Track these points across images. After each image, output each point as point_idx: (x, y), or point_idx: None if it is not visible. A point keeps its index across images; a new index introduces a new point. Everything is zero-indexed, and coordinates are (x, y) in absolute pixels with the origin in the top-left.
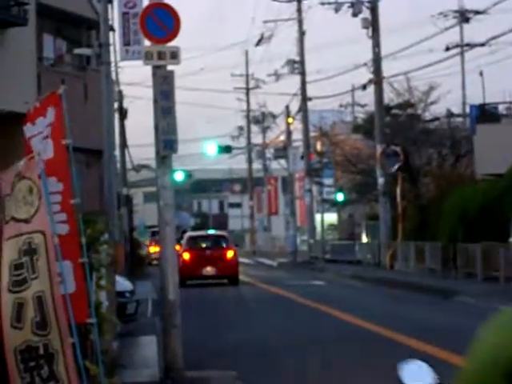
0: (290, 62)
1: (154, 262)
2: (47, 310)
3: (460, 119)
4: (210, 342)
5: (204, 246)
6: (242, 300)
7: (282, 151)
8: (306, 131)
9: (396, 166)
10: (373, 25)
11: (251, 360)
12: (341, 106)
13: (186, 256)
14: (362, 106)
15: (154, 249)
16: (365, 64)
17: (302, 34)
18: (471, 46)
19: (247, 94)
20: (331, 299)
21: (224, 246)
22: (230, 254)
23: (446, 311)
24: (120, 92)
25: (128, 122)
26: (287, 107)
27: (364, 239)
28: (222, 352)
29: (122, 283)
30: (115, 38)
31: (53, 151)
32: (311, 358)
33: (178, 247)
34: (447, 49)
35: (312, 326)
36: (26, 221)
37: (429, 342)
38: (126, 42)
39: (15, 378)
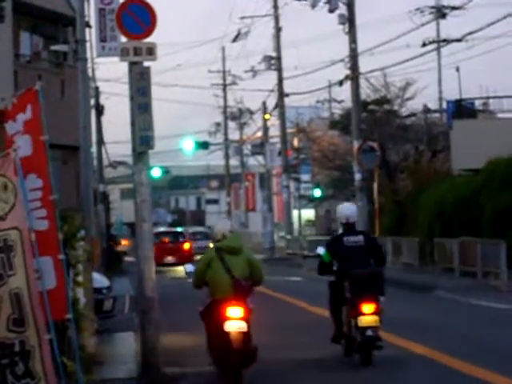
0: (267, 58)
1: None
2: (25, 306)
3: (437, 115)
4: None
5: (165, 239)
6: None
7: (259, 147)
8: (283, 127)
9: (375, 162)
10: (349, 21)
11: None
12: (318, 102)
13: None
14: (339, 101)
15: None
16: (341, 60)
17: (278, 30)
18: (448, 41)
19: (224, 91)
20: (306, 294)
21: (181, 240)
22: (186, 246)
23: (422, 305)
24: (97, 88)
25: (105, 119)
26: (264, 103)
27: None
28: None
29: (99, 280)
30: (92, 35)
31: (31, 148)
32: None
33: None
34: (424, 44)
35: (284, 318)
36: (1, 218)
37: (401, 335)
38: (103, 39)
39: None
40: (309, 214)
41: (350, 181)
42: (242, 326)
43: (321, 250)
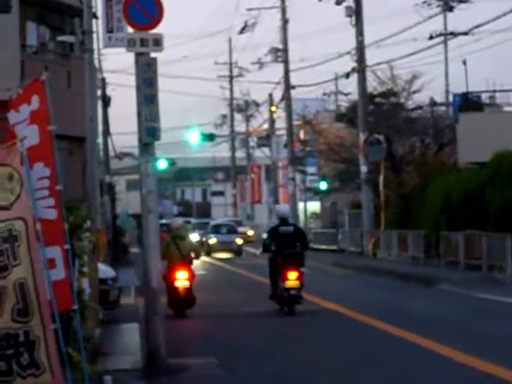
0: (274, 50)
1: None
2: (29, 296)
3: (443, 108)
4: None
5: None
6: (222, 286)
7: (266, 139)
8: (289, 119)
9: (381, 155)
10: (356, 13)
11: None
12: (324, 94)
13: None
14: (346, 94)
15: None
16: (348, 52)
17: (285, 22)
18: (455, 34)
19: (231, 82)
20: (311, 286)
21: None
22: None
23: (426, 299)
24: (103, 79)
25: (111, 110)
26: (270, 95)
27: (346, 227)
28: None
29: (105, 270)
30: (98, 26)
31: (38, 137)
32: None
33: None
34: (431, 37)
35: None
36: (6, 208)
37: (404, 327)
38: (109, 29)
39: None
40: (314, 206)
41: (355, 173)
42: (186, 284)
43: (264, 236)
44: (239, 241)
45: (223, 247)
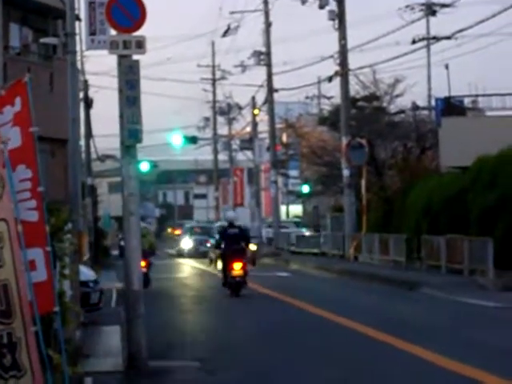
0: (257, 54)
1: None
2: (12, 298)
3: (425, 112)
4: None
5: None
6: (201, 295)
7: (248, 142)
8: (271, 123)
9: (363, 159)
10: (339, 17)
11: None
12: (307, 97)
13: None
14: (328, 98)
15: None
16: (331, 56)
17: (268, 25)
18: (437, 38)
19: (213, 85)
20: (294, 290)
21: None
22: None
23: (408, 302)
24: (86, 81)
25: (93, 112)
26: (253, 98)
27: (328, 231)
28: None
29: (86, 273)
30: (81, 28)
31: (20, 139)
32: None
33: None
34: (413, 42)
35: (272, 315)
36: None
37: (384, 331)
38: (92, 32)
39: None
40: (297, 209)
41: (338, 177)
42: (144, 270)
43: (216, 236)
44: (252, 247)
45: None
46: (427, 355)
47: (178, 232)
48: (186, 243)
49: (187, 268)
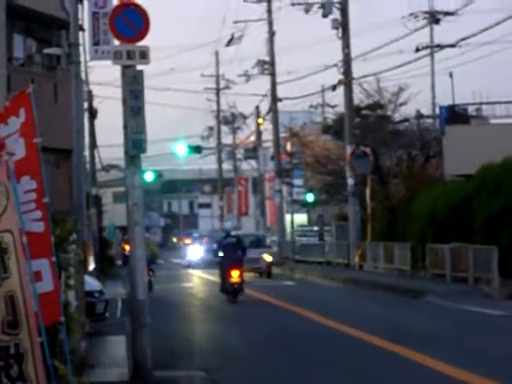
0: (260, 63)
1: None
2: (19, 309)
3: (429, 120)
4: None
5: None
6: (207, 306)
7: (252, 152)
8: (276, 132)
9: (367, 167)
10: (343, 26)
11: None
12: (311, 106)
13: (127, 247)
14: (332, 106)
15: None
16: (335, 65)
17: (272, 34)
18: (441, 47)
19: (217, 95)
20: (299, 299)
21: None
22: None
23: (413, 311)
24: (90, 92)
25: (98, 122)
26: (257, 108)
27: (332, 239)
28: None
29: (91, 283)
30: (85, 38)
31: (24, 150)
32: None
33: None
34: (417, 50)
35: (277, 324)
36: None
37: (389, 340)
38: (96, 42)
39: None
40: (301, 218)
41: (342, 186)
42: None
43: (214, 246)
44: (267, 257)
45: (247, 266)
46: (433, 364)
47: (188, 241)
48: (196, 252)
49: (195, 279)
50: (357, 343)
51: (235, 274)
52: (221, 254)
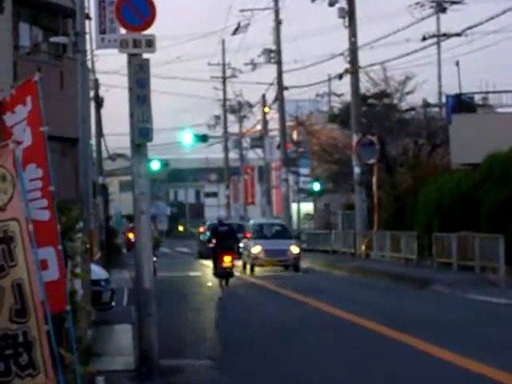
0: (267, 52)
1: None
2: (26, 297)
3: (436, 109)
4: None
5: None
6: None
7: (259, 140)
8: (282, 121)
9: (374, 157)
10: (349, 14)
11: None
12: (317, 95)
13: (131, 235)
14: (339, 95)
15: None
16: (341, 54)
17: (278, 23)
18: (448, 35)
19: (224, 83)
20: (305, 288)
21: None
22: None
23: (420, 300)
24: (96, 80)
25: (104, 111)
26: (264, 96)
27: (339, 228)
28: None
29: (98, 272)
30: (91, 27)
31: (31, 138)
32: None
33: (131, 235)
34: (424, 39)
35: (283, 313)
36: (0, 209)
37: (397, 329)
38: (102, 31)
39: None
40: (308, 207)
41: (349, 175)
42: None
43: (208, 233)
44: (295, 249)
45: (272, 259)
46: (440, 353)
47: (201, 229)
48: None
49: (204, 268)
50: (365, 332)
51: (227, 259)
52: (214, 241)
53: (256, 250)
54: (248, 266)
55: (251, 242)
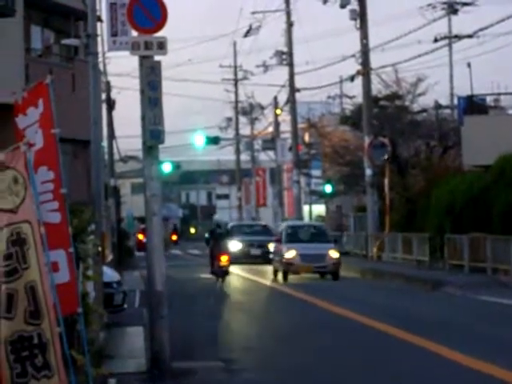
0: (279, 54)
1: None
2: (40, 299)
3: (448, 111)
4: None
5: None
6: (226, 296)
7: (270, 142)
8: (294, 122)
9: (384, 157)
10: (361, 16)
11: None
12: (329, 97)
13: (141, 236)
14: (350, 97)
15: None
16: (353, 55)
17: (290, 25)
18: (459, 37)
19: (235, 85)
20: (316, 290)
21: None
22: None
23: (432, 302)
24: (108, 83)
25: (116, 113)
26: (275, 98)
27: (351, 230)
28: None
29: (110, 274)
30: (103, 29)
31: (42, 141)
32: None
33: (141, 236)
34: (435, 40)
35: (295, 315)
36: (13, 211)
37: (409, 331)
38: (114, 33)
39: (4, 369)
40: (319, 209)
41: (360, 176)
42: None
43: (206, 235)
44: (334, 254)
45: (309, 265)
46: (452, 355)
47: None
48: (233, 245)
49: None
50: (376, 334)
51: (224, 259)
52: (211, 242)
53: (290, 254)
54: (280, 274)
55: (284, 247)
